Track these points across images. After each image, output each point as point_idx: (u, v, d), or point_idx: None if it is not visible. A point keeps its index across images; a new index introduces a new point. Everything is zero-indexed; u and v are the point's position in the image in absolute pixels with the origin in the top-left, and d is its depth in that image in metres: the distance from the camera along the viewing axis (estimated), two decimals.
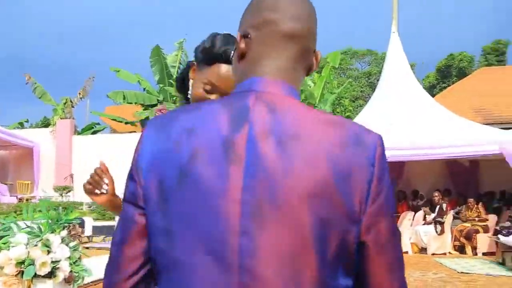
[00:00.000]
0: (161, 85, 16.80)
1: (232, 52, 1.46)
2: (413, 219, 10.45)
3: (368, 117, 10.25)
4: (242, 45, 0.91)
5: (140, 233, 0.85)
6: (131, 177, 0.87)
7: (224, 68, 1.45)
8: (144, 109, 16.97)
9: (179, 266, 0.79)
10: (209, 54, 1.46)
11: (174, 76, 16.88)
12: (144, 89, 17.28)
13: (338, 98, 19.49)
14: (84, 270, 2.32)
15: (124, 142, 14.47)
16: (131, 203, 0.86)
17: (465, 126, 10.04)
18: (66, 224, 2.38)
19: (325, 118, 0.83)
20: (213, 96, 1.46)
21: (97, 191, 1.53)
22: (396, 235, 0.85)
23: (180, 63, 17.21)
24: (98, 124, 21.63)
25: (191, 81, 1.53)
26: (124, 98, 16.54)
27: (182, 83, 1.61)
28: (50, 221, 2.29)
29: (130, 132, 17.23)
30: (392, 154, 9.02)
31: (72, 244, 2.35)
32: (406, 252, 9.59)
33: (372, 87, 33.40)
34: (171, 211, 0.81)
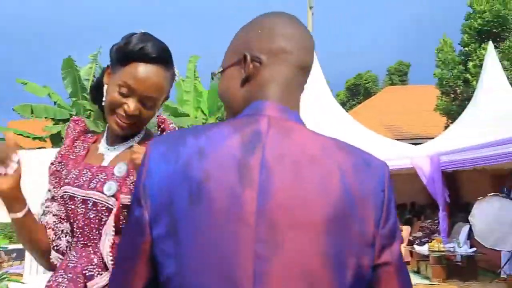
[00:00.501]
0: (74, 99, 15.95)
1: (160, 57, 1.30)
2: None
3: None
4: (251, 68, 0.91)
5: (145, 261, 0.83)
6: (137, 202, 0.84)
7: (141, 68, 1.29)
8: (54, 124, 15.97)
9: None
10: (124, 52, 1.31)
11: (89, 90, 16.11)
12: (55, 102, 16.29)
13: None
14: None
15: (33, 159, 13.48)
16: (136, 230, 0.83)
17: (380, 142, 10.56)
18: None
19: (335, 143, 0.85)
20: (130, 101, 1.30)
21: (2, 169, 1.20)
22: (402, 257, 0.88)
23: (94, 76, 16.48)
24: (2, 139, 20.02)
25: (105, 87, 1.37)
26: (32, 112, 15.46)
27: (97, 92, 1.43)
28: None
29: (39, 148, 16.13)
30: None
31: None
32: None
33: None
34: (182, 235, 0.78)
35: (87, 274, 1.26)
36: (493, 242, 6.82)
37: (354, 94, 33.64)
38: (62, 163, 1.44)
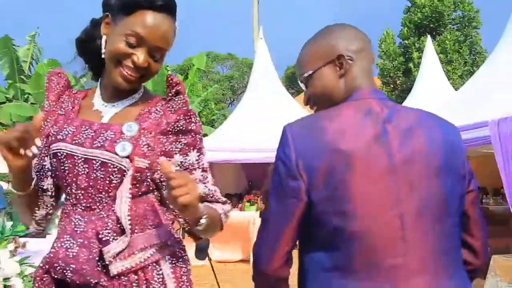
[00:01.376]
0: (10, 81, 15.11)
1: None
2: None
3: (241, 118, 10.55)
4: (348, 65, 1.19)
5: (297, 221, 1.10)
6: (292, 176, 1.08)
7: (151, 16, 1.22)
8: None
9: (359, 235, 1.05)
10: (130, 0, 1.22)
11: (26, 72, 15.34)
12: None
13: (204, 101, 19.59)
14: None
15: None
16: (293, 197, 1.08)
17: None
18: (12, 237, 2.03)
19: (422, 111, 1.18)
20: (139, 51, 1.23)
21: (22, 151, 1.16)
22: None
23: (33, 58, 15.70)
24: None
25: (104, 37, 1.27)
26: None
27: (83, 44, 1.34)
28: None
29: None
30: (265, 156, 9.44)
31: (17, 258, 1.99)
32: None
33: (233, 90, 34.20)
34: (342, 196, 1.05)
35: (104, 239, 1.20)
36: None
37: (293, 82, 34.12)
38: (48, 120, 1.33)
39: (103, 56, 1.27)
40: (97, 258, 1.19)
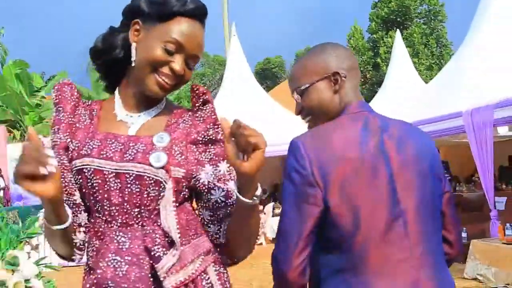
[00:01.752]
0: None
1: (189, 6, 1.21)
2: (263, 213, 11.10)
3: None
4: (342, 82, 1.30)
5: (314, 226, 1.17)
6: (309, 184, 1.16)
7: (189, 24, 1.21)
8: None
9: (369, 235, 1.16)
10: (166, 6, 1.20)
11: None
12: None
13: (177, 99, 19.52)
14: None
15: None
16: (311, 203, 1.16)
17: (300, 123, 10.99)
18: (27, 239, 2.01)
19: (402, 122, 1.31)
20: (177, 58, 1.20)
21: (42, 170, 0.98)
22: None
23: None
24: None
25: (133, 45, 1.22)
26: None
27: (100, 53, 1.28)
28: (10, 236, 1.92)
29: None
30: None
31: (32, 259, 1.98)
32: (261, 244, 10.11)
33: (206, 87, 33.85)
34: (352, 199, 1.16)
35: (156, 255, 1.15)
36: None
37: (262, 78, 34.27)
38: (68, 133, 1.24)
39: (133, 64, 1.23)
40: (149, 275, 1.15)
